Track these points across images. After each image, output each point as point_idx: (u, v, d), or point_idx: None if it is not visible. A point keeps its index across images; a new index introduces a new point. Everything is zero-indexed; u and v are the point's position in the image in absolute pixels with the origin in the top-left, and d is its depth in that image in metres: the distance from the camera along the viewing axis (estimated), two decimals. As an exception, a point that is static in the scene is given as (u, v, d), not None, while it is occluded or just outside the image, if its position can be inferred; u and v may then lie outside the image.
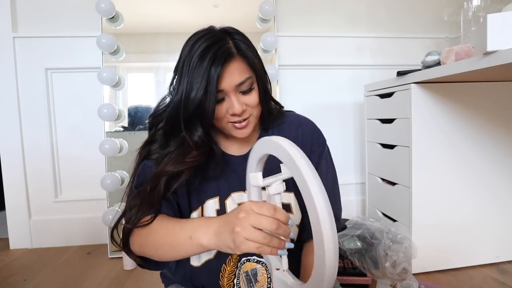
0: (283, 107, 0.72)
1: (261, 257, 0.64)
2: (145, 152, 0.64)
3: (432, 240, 1.26)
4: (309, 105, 1.81)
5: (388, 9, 1.85)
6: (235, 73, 0.56)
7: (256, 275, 0.64)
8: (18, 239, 1.65)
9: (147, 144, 0.65)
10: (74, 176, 1.68)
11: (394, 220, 1.38)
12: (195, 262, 0.65)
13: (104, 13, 1.47)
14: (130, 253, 0.60)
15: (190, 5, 1.62)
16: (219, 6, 1.63)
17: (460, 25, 1.43)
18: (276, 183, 0.46)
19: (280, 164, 0.46)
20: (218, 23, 0.63)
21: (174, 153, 0.59)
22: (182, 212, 0.65)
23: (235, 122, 0.60)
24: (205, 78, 0.54)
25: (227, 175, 0.65)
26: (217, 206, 0.64)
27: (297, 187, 0.54)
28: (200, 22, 0.63)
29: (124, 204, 0.63)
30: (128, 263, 1.39)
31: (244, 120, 0.60)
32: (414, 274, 1.16)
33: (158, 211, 0.59)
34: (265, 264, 0.64)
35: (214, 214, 0.64)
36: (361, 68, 1.83)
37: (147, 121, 0.69)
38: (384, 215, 1.48)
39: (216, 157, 0.63)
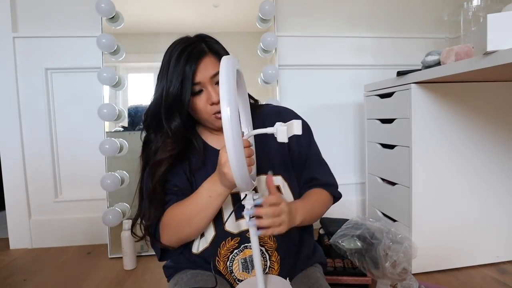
0: (257, 101, 0.80)
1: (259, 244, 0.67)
2: (144, 156, 0.71)
3: (432, 240, 1.26)
4: (309, 105, 1.81)
5: (388, 9, 1.85)
6: (208, 67, 0.64)
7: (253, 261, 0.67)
8: (18, 239, 1.65)
9: (145, 144, 0.72)
10: (74, 176, 1.68)
11: (394, 220, 1.38)
12: (195, 249, 0.71)
13: (104, 13, 1.47)
14: (159, 245, 0.69)
15: (190, 5, 1.62)
16: (219, 6, 1.63)
17: (460, 25, 1.43)
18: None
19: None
20: (218, 23, 0.68)
21: (161, 145, 0.68)
22: None
23: (217, 113, 0.66)
24: (181, 74, 0.62)
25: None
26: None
27: (284, 169, 0.70)
28: (200, 22, 0.66)
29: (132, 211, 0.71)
30: (128, 263, 1.40)
31: None
32: (414, 274, 1.16)
33: (164, 201, 0.69)
34: (262, 251, 0.68)
35: None
36: (361, 68, 1.83)
37: (143, 120, 0.75)
38: (384, 215, 1.48)
39: (197, 148, 0.71)
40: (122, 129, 1.60)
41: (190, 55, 0.63)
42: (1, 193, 1.68)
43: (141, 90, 1.65)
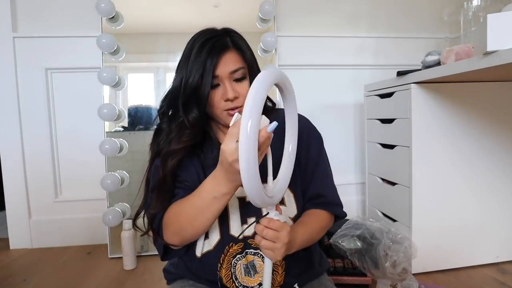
0: (276, 104, 0.76)
1: (257, 249, 0.66)
2: (155, 147, 0.68)
3: (432, 240, 1.26)
4: (309, 105, 1.81)
5: (388, 9, 1.85)
6: (229, 62, 0.62)
7: (255, 267, 0.67)
8: (18, 239, 1.65)
9: (156, 135, 0.69)
10: (74, 176, 1.68)
11: (394, 220, 1.38)
12: (198, 252, 0.68)
13: (104, 13, 1.47)
14: (162, 243, 0.66)
15: (190, 5, 1.62)
16: (219, 6, 1.63)
17: (460, 25, 1.43)
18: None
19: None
20: (218, 23, 0.68)
21: (176, 134, 0.66)
22: None
23: (229, 110, 0.64)
24: (202, 65, 0.61)
25: None
26: None
27: (291, 180, 0.60)
28: (200, 22, 0.66)
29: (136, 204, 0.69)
30: (128, 263, 1.39)
31: (237, 108, 0.64)
32: (414, 274, 1.16)
33: (172, 193, 0.66)
34: (261, 255, 0.66)
35: None
36: (361, 68, 1.83)
37: (158, 108, 0.72)
38: (384, 215, 1.48)
39: (212, 144, 0.69)
40: (122, 129, 1.60)
41: (213, 48, 0.61)
42: (1, 193, 1.68)
43: (141, 90, 1.65)
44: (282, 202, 0.69)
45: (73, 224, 1.67)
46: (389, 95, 1.38)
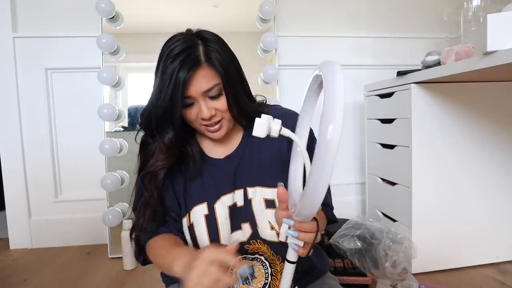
0: (263, 111, 0.68)
1: (254, 254, 0.65)
2: (143, 157, 0.68)
3: (432, 240, 1.26)
4: (309, 105, 1.81)
5: (388, 9, 1.85)
6: (202, 80, 0.57)
7: (253, 272, 0.65)
8: (18, 239, 1.65)
9: (142, 147, 0.68)
10: (74, 176, 1.68)
11: (394, 220, 1.38)
12: None
13: (104, 13, 1.47)
14: (143, 257, 0.68)
15: (190, 5, 1.62)
16: (219, 6, 1.63)
17: (460, 25, 1.43)
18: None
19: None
20: (218, 23, 0.64)
21: (155, 154, 0.64)
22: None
23: (208, 126, 0.61)
24: (171, 84, 0.55)
25: (214, 178, 0.66)
26: (206, 211, 0.65)
27: (282, 181, 0.56)
28: (200, 22, 0.65)
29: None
30: (128, 263, 1.39)
31: (217, 123, 0.61)
32: (414, 274, 1.16)
33: (161, 219, 0.65)
34: (260, 260, 0.65)
35: (203, 220, 0.64)
36: (361, 68, 1.83)
37: (138, 125, 0.70)
38: (384, 215, 1.48)
39: (193, 157, 0.66)
40: (122, 129, 1.60)
41: (182, 65, 0.55)
42: (1, 193, 1.68)
43: (141, 90, 1.65)
44: (273, 205, 0.64)
45: (73, 224, 1.67)
46: (389, 95, 1.38)
